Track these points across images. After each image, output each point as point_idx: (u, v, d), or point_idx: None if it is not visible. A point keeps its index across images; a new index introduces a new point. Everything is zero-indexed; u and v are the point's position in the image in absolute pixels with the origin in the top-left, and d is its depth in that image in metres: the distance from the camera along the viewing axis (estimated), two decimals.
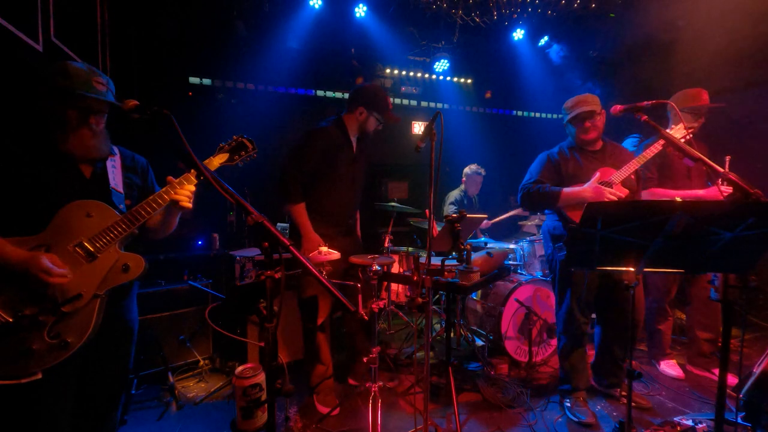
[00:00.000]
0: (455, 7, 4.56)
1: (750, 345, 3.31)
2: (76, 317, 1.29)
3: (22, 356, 1.21)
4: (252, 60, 4.25)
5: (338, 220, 2.47)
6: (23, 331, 1.22)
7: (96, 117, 1.37)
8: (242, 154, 1.58)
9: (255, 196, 3.74)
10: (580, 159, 2.35)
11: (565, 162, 2.35)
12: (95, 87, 1.34)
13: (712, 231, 1.26)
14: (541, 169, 2.38)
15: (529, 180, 2.39)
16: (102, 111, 1.39)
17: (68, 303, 1.27)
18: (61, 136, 1.34)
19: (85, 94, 1.31)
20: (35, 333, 1.23)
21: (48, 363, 1.24)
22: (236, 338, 2.77)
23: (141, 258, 1.41)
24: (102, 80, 1.37)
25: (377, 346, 2.00)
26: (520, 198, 2.39)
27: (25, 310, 1.22)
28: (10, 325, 1.20)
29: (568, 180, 2.31)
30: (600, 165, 2.28)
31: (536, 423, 2.30)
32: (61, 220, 1.30)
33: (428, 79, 5.39)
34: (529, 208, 2.55)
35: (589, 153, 2.37)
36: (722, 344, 1.42)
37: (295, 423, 2.32)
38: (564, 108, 2.39)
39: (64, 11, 2.32)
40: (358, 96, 2.41)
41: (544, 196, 2.26)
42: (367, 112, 2.38)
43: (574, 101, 2.32)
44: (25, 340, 1.22)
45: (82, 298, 1.29)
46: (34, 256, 1.21)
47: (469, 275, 2.13)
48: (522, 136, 5.98)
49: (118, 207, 1.42)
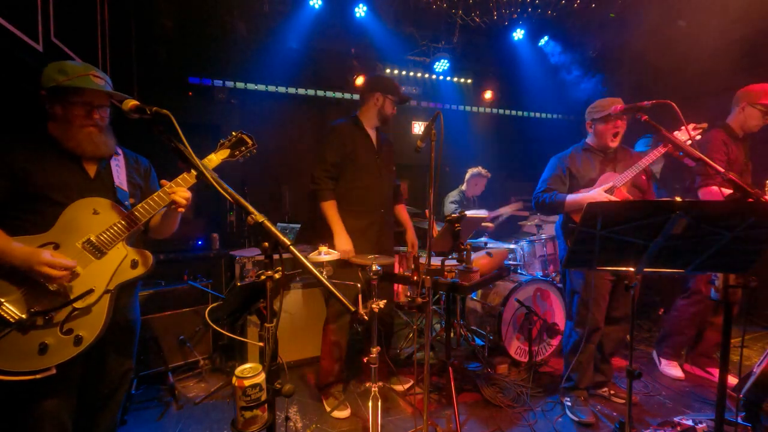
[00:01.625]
0: (455, 7, 4.56)
1: (750, 345, 3.31)
2: (89, 312, 1.31)
3: (37, 351, 1.23)
4: (252, 60, 4.25)
5: (370, 213, 2.48)
6: (37, 327, 1.24)
7: (100, 111, 1.38)
8: (242, 149, 1.60)
9: (255, 196, 3.74)
10: (592, 161, 2.37)
11: (575, 164, 2.38)
12: (94, 81, 1.35)
13: (712, 231, 1.26)
14: (550, 175, 2.42)
15: (539, 189, 2.42)
16: (104, 104, 1.40)
17: (80, 298, 1.29)
18: (67, 134, 1.35)
19: (86, 87, 1.32)
20: (49, 329, 1.25)
21: (62, 358, 1.27)
22: (236, 338, 2.77)
23: (149, 253, 1.44)
24: (99, 74, 1.38)
25: (377, 346, 2.00)
26: (534, 207, 2.45)
27: (38, 307, 1.24)
28: (23, 321, 1.21)
29: (581, 181, 2.34)
30: (610, 168, 2.31)
31: (536, 423, 2.30)
32: (68, 218, 1.32)
33: (428, 79, 5.38)
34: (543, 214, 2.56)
35: (600, 155, 2.37)
36: (722, 344, 1.42)
37: (295, 423, 2.32)
38: (595, 107, 2.33)
39: (64, 11, 2.32)
40: (373, 84, 2.52)
41: (552, 205, 2.31)
42: (383, 96, 2.46)
43: (609, 101, 2.26)
44: (39, 335, 1.24)
45: (94, 293, 1.32)
46: (34, 252, 1.22)
47: (469, 275, 2.13)
48: (522, 136, 5.98)
49: (124, 204, 1.44)
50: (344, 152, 2.41)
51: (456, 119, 5.64)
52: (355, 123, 2.52)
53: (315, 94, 4.72)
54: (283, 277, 1.08)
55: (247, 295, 1.20)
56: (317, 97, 4.74)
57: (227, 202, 3.65)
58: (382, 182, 2.53)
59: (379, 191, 2.52)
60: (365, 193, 2.47)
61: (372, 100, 2.49)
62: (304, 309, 2.99)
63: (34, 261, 1.20)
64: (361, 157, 2.45)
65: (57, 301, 1.26)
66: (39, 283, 1.24)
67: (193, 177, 1.43)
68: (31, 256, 1.21)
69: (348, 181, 2.44)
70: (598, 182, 2.26)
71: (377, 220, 2.50)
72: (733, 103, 2.61)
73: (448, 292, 2.47)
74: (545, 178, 2.44)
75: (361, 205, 2.46)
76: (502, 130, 5.94)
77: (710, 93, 2.62)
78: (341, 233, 2.34)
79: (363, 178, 2.46)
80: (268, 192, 4.43)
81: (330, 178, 2.41)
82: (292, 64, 4.41)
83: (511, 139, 5.95)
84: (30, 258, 1.21)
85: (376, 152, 2.53)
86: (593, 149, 2.40)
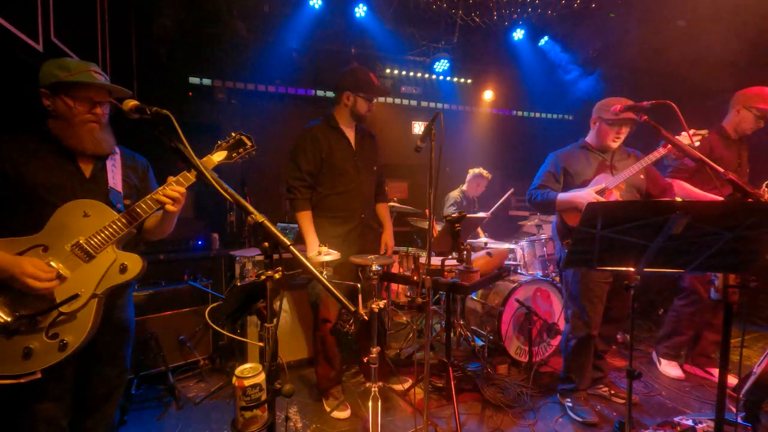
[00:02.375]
0: (455, 7, 4.57)
1: (750, 345, 3.31)
2: (75, 317, 1.29)
3: (21, 356, 1.21)
4: (252, 60, 4.25)
5: (348, 218, 2.40)
6: (22, 331, 1.22)
7: (101, 108, 1.38)
8: (240, 151, 1.56)
9: (255, 196, 3.74)
10: (589, 160, 2.36)
11: (571, 163, 2.36)
12: (95, 76, 1.35)
13: (712, 231, 1.26)
14: (544, 172, 2.41)
15: (533, 186, 2.42)
16: (105, 101, 1.39)
17: (66, 303, 1.27)
18: (68, 131, 1.34)
19: (88, 82, 1.32)
20: (34, 333, 1.23)
21: (47, 363, 1.24)
22: (236, 338, 2.77)
23: (139, 258, 1.40)
24: (99, 70, 1.38)
25: (377, 346, 2.00)
26: (527, 202, 2.44)
27: (23, 311, 1.22)
28: (8, 325, 1.20)
29: (576, 180, 2.33)
30: (607, 169, 2.30)
31: (536, 423, 2.30)
32: (58, 220, 1.30)
33: (428, 79, 5.39)
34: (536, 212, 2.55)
35: (599, 155, 2.36)
36: (722, 344, 1.42)
37: (295, 423, 2.32)
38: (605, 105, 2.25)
39: (64, 11, 2.32)
40: (340, 83, 2.37)
41: (543, 203, 2.31)
42: (353, 95, 2.32)
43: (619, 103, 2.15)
44: (24, 340, 1.22)
45: (80, 298, 1.29)
46: (16, 262, 1.20)
47: (469, 275, 2.13)
48: (522, 136, 5.98)
49: (116, 206, 1.42)
50: (318, 158, 2.30)
51: (456, 119, 5.64)
52: (329, 123, 2.39)
53: (315, 94, 4.72)
54: (283, 277, 1.08)
55: (247, 295, 1.20)
56: (317, 97, 4.75)
57: (227, 202, 3.65)
58: (361, 185, 2.41)
59: (359, 195, 2.41)
60: (344, 199, 2.37)
61: (343, 100, 2.35)
62: (304, 309, 2.98)
63: (16, 272, 1.19)
64: (337, 161, 2.33)
65: (43, 305, 1.24)
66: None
67: (194, 176, 1.42)
68: (13, 267, 1.19)
69: (325, 188, 2.34)
70: (592, 183, 2.25)
71: (357, 225, 2.42)
72: (730, 104, 2.62)
73: (448, 292, 2.47)
74: (539, 175, 2.44)
75: (340, 211, 2.37)
76: (501, 130, 5.95)
77: (711, 94, 2.62)
78: (312, 245, 2.25)
79: (340, 183, 2.35)
80: (268, 192, 4.44)
81: (305, 187, 2.32)
82: (292, 64, 4.42)
83: (511, 139, 5.95)
84: (12, 268, 1.19)
85: (355, 153, 2.42)
86: (592, 148, 2.38)
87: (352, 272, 2.33)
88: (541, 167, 2.47)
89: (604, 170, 2.29)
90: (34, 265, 1.22)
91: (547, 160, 2.47)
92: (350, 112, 2.37)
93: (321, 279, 1.07)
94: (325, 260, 1.94)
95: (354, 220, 2.41)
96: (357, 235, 2.42)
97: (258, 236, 1.08)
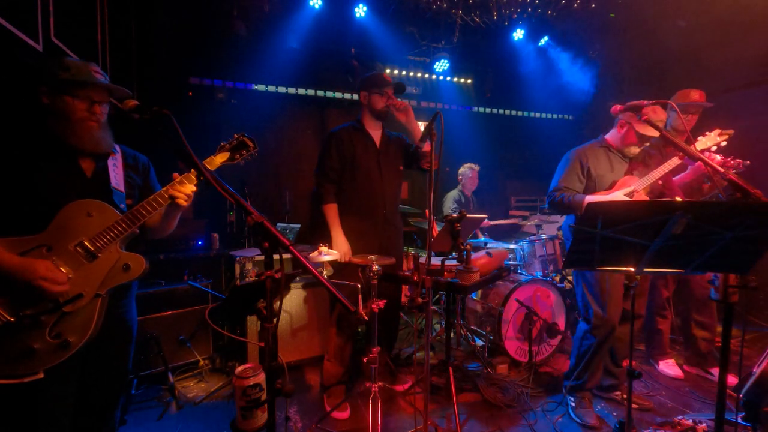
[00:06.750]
0: (455, 7, 4.57)
1: (750, 345, 3.31)
2: (78, 317, 1.29)
3: (24, 356, 1.21)
4: (252, 60, 4.25)
5: (370, 214, 2.49)
6: (25, 331, 1.22)
7: (100, 107, 1.38)
8: (243, 152, 1.57)
9: (255, 197, 3.74)
10: (611, 161, 2.31)
11: (596, 164, 2.29)
12: (94, 76, 1.35)
13: (712, 231, 1.26)
14: (564, 173, 2.31)
15: (554, 188, 2.33)
16: (104, 100, 1.39)
17: (70, 303, 1.27)
18: (68, 130, 1.34)
19: (89, 81, 1.32)
20: (37, 332, 1.23)
21: (50, 362, 1.24)
22: (236, 338, 2.77)
23: (142, 258, 1.41)
24: (99, 70, 1.38)
25: (377, 346, 2.00)
26: (547, 205, 2.36)
27: (27, 310, 1.22)
28: (11, 324, 1.20)
29: (599, 182, 2.27)
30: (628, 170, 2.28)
31: (536, 423, 2.30)
32: (61, 220, 1.30)
33: (428, 79, 5.39)
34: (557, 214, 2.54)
35: (620, 156, 2.32)
36: (722, 344, 1.42)
37: (295, 423, 2.32)
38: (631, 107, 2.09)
39: (64, 11, 2.32)
40: (359, 86, 2.55)
41: (570, 205, 2.20)
42: (368, 93, 2.48)
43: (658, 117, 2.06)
44: (27, 339, 1.22)
45: (84, 298, 1.29)
46: (25, 265, 1.20)
47: (469, 275, 2.12)
48: (522, 136, 5.98)
49: (119, 206, 1.42)
50: (343, 157, 2.45)
51: (456, 119, 5.64)
52: (356, 127, 2.55)
53: (315, 94, 4.72)
54: (283, 277, 1.08)
55: (247, 295, 1.20)
56: (317, 97, 4.74)
57: (227, 202, 3.66)
58: (383, 184, 2.52)
59: (381, 193, 2.51)
60: (366, 196, 2.48)
61: (362, 101, 2.54)
62: (304, 309, 2.99)
63: (29, 275, 1.19)
64: (361, 161, 2.47)
65: (46, 305, 1.24)
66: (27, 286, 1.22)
67: (195, 176, 1.42)
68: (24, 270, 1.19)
69: (349, 185, 2.48)
70: (617, 185, 2.19)
71: (379, 222, 2.51)
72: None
73: (448, 292, 2.47)
74: (562, 175, 2.32)
75: (362, 207, 2.48)
76: (502, 130, 5.94)
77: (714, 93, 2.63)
78: (339, 236, 2.39)
79: (364, 181, 2.47)
80: (268, 192, 4.44)
81: (330, 182, 2.45)
82: (292, 64, 4.41)
83: (511, 139, 5.95)
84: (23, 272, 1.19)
85: (379, 152, 2.54)
86: (612, 148, 2.32)
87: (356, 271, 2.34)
88: (561, 165, 2.37)
89: (630, 173, 2.26)
90: (47, 267, 1.22)
91: (567, 157, 2.36)
92: (370, 111, 2.52)
93: (321, 279, 1.07)
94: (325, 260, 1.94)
95: (374, 216, 2.50)
96: (378, 232, 2.50)
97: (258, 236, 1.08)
